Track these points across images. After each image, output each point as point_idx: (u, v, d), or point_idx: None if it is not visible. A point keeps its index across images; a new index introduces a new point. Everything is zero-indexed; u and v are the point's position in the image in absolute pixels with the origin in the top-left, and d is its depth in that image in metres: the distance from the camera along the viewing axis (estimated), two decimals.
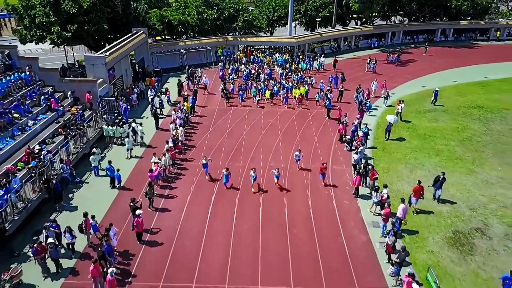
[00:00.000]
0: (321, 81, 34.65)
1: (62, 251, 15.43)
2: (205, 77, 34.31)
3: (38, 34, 34.55)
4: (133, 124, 23.97)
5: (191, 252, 16.02)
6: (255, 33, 47.40)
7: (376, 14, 55.15)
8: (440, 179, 19.25)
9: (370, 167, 20.14)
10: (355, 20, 57.52)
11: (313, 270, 15.29)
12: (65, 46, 39.79)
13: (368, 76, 38.42)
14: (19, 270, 14.03)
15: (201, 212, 18.62)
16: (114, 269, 13.38)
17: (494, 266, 15.65)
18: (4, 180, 16.69)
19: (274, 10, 50.07)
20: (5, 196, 15.93)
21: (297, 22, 52.46)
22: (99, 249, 14.45)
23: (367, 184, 20.29)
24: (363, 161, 21.58)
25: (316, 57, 42.09)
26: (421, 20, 57.95)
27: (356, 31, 51.23)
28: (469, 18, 58.15)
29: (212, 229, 17.40)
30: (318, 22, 50.03)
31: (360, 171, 19.87)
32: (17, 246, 15.91)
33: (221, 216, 18.32)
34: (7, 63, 25.06)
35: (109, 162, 20.08)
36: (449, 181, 20.20)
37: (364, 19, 55.76)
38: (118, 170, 19.92)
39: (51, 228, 15.39)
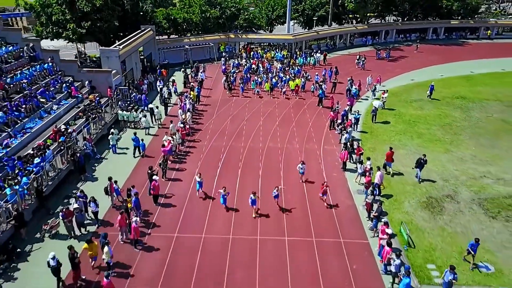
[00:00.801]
0: (316, 74, 37.36)
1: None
2: (201, 73, 36.86)
3: (54, 30, 37.31)
4: (151, 105, 26.94)
5: (200, 211, 18.74)
6: (255, 30, 50.14)
7: (370, 13, 57.95)
8: (421, 161, 21.80)
9: (356, 144, 22.81)
10: (351, 19, 60.31)
11: (305, 225, 17.97)
12: (77, 43, 42.76)
13: (359, 71, 41.13)
14: (57, 222, 16.70)
15: (207, 182, 21.27)
16: (138, 219, 16.07)
17: (458, 223, 18.34)
18: (39, 152, 19.37)
19: (273, 9, 52.88)
20: (42, 164, 18.65)
21: (295, 21, 55.24)
22: (124, 204, 17.09)
23: (354, 160, 22.97)
24: (351, 140, 24.26)
25: (312, 53, 44.83)
26: (414, 20, 60.72)
27: (351, 29, 54.01)
28: (459, 17, 60.89)
29: (217, 201, 19.99)
30: (315, 21, 52.81)
31: (348, 147, 22.54)
32: (51, 206, 18.61)
33: (225, 184, 20.98)
34: (31, 55, 27.78)
35: (134, 133, 23.49)
36: (427, 159, 22.87)
37: (359, 18, 58.53)
38: (142, 140, 23.18)
39: (80, 199, 17.66)
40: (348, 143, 23.33)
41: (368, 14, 57.67)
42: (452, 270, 13.93)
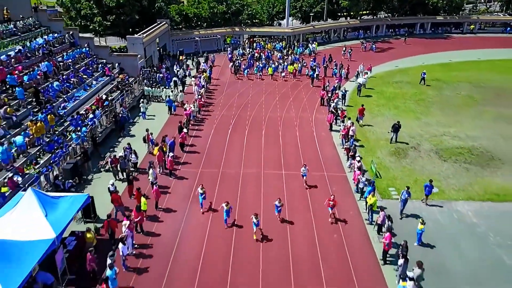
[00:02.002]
0: (311, 60, 42.76)
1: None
2: (203, 63, 41.74)
3: (82, 24, 42.74)
4: (175, 78, 33.51)
5: (218, 155, 24.19)
6: (258, 25, 55.63)
7: (363, 11, 63.36)
8: (396, 125, 26.97)
9: (340, 109, 28.22)
10: (345, 16, 65.68)
11: (296, 159, 23.34)
12: (99, 37, 48.25)
13: (347, 61, 46.18)
14: (113, 155, 21.92)
15: (221, 140, 26.67)
16: (172, 153, 21.47)
17: (417, 164, 23.74)
18: (90, 113, 24.82)
19: (273, 6, 58.39)
20: (94, 119, 24.10)
21: (293, 17, 60.70)
22: (160, 143, 22.45)
23: (338, 124, 28.32)
24: (336, 107, 29.65)
25: (308, 45, 50.26)
26: (402, 16, 66.06)
27: (344, 24, 59.46)
28: (445, 13, 66.26)
29: (230, 148, 25.39)
30: (311, 17, 58.24)
31: (334, 112, 27.94)
32: (101, 152, 24.03)
33: (235, 142, 26.39)
34: (71, 41, 33.22)
35: (168, 96, 29.79)
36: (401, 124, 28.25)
37: (352, 15, 63.94)
38: (174, 101, 29.64)
39: (126, 150, 22.90)
40: (334, 110, 28.72)
41: (360, 12, 63.06)
42: (407, 189, 19.13)
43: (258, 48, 47.64)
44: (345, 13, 64.77)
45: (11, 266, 11.98)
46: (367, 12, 65.44)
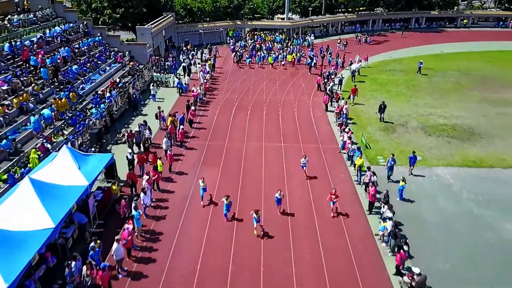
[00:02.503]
0: (309, 50, 45.19)
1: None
2: (205, 54, 43.56)
3: (92, 16, 45.14)
4: (184, 64, 35.71)
5: (223, 130, 26.62)
6: (258, 18, 58.06)
7: (360, 7, 65.70)
8: (382, 106, 29.37)
9: (335, 90, 30.64)
10: (343, 11, 68.07)
11: (294, 133, 25.77)
12: (108, 30, 50.61)
13: (342, 52, 48.61)
14: (129, 130, 24.37)
15: (226, 118, 29.09)
16: (183, 126, 23.92)
17: (404, 138, 26.16)
18: (107, 92, 27.28)
19: (273, 0, 60.74)
20: (110, 98, 26.57)
21: (292, 11, 63.08)
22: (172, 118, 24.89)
23: (333, 105, 30.72)
24: (332, 89, 32.08)
25: (307, 37, 52.68)
26: (398, 10, 68.41)
27: (341, 18, 61.86)
28: (439, 9, 68.61)
29: (234, 125, 27.80)
30: (310, 11, 60.64)
31: (329, 93, 30.38)
32: (118, 127, 26.47)
33: (239, 120, 28.80)
34: (85, 30, 35.67)
35: (179, 78, 32.27)
36: (391, 107, 30.62)
37: (350, 10, 66.30)
38: (185, 83, 32.12)
39: (142, 126, 25.28)
40: (329, 92, 31.16)
41: (359, 8, 65.41)
42: (392, 157, 21.52)
43: (259, 40, 50.04)
44: (343, 9, 67.21)
45: (55, 201, 14.39)
46: (364, 8, 67.76)
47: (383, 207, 17.31)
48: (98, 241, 14.33)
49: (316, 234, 17.08)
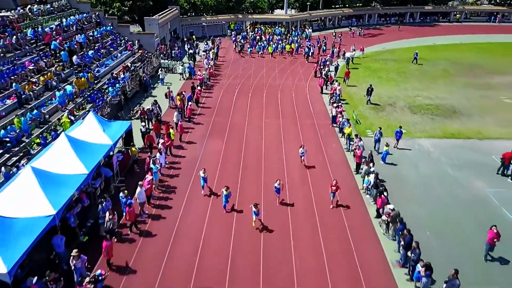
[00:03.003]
0: (307, 41, 47.77)
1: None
2: (205, 45, 46.29)
3: (102, 9, 47.61)
4: (191, 51, 38.94)
5: (226, 109, 29.18)
6: (259, 12, 60.59)
7: (357, 3, 68.20)
8: (369, 89, 31.80)
9: (330, 73, 33.23)
10: (340, 6, 70.46)
11: (292, 111, 28.34)
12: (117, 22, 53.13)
13: (338, 43, 51.21)
14: (142, 107, 26.93)
15: (229, 99, 31.64)
16: (191, 103, 26.48)
17: (392, 116, 28.74)
18: (121, 74, 29.86)
19: None
20: (124, 79, 29.15)
21: (291, 6, 65.57)
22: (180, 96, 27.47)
23: (328, 88, 33.30)
24: (327, 74, 34.69)
25: (305, 30, 55.24)
26: (393, 6, 70.95)
27: (338, 12, 64.38)
28: (433, 4, 71.09)
29: (236, 105, 30.39)
30: (308, 6, 63.15)
31: (324, 77, 32.97)
32: (130, 106, 29.05)
33: (241, 101, 31.36)
34: (97, 20, 38.26)
35: (190, 63, 34.53)
36: (381, 90, 33.21)
37: (347, 5, 68.73)
38: (194, 67, 34.84)
39: (154, 104, 27.80)
40: (325, 76, 33.76)
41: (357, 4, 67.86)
42: (379, 130, 23.98)
43: (259, 32, 52.61)
44: (340, 5, 69.62)
45: (87, 155, 16.96)
46: (360, 4, 70.19)
47: (367, 164, 19.83)
48: (126, 191, 16.82)
49: (309, 186, 19.68)
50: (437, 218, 17.56)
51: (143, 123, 24.19)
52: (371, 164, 19.30)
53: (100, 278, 12.70)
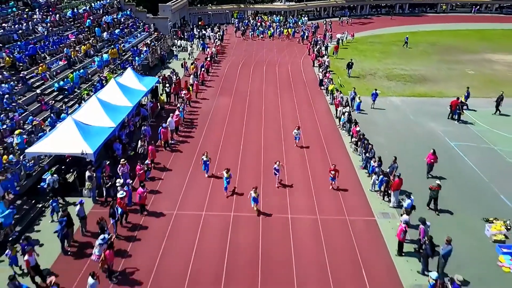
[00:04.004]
0: (302, 26, 53.39)
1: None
2: (209, 30, 51.94)
3: None
4: (202, 32, 44.38)
5: (232, 78, 34.81)
6: (260, 2, 66.17)
7: None
8: (349, 63, 37.20)
9: (322, 50, 38.88)
10: None
11: (287, 80, 33.92)
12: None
13: (329, 30, 56.66)
14: (163, 74, 32.53)
15: (234, 71, 37.22)
16: (203, 69, 32.11)
17: (371, 82, 34.28)
18: (144, 48, 35.50)
19: None
20: (147, 52, 34.81)
21: None
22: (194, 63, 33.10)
23: (318, 60, 38.84)
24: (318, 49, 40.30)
25: (301, 18, 60.83)
26: None
27: (332, 3, 69.90)
28: None
29: (240, 75, 35.95)
30: None
31: (316, 53, 38.62)
32: (152, 74, 34.63)
33: (244, 72, 36.90)
34: (118, 6, 43.90)
35: (203, 40, 40.16)
36: (365, 64, 38.77)
37: None
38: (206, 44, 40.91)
39: (172, 73, 33.37)
40: (317, 52, 39.40)
41: None
42: (353, 90, 29.38)
43: (259, 19, 58.25)
44: None
45: (131, 96, 22.59)
46: None
47: (344, 107, 25.40)
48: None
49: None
50: (395, 144, 23.11)
51: (168, 85, 29.76)
52: (346, 108, 24.86)
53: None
